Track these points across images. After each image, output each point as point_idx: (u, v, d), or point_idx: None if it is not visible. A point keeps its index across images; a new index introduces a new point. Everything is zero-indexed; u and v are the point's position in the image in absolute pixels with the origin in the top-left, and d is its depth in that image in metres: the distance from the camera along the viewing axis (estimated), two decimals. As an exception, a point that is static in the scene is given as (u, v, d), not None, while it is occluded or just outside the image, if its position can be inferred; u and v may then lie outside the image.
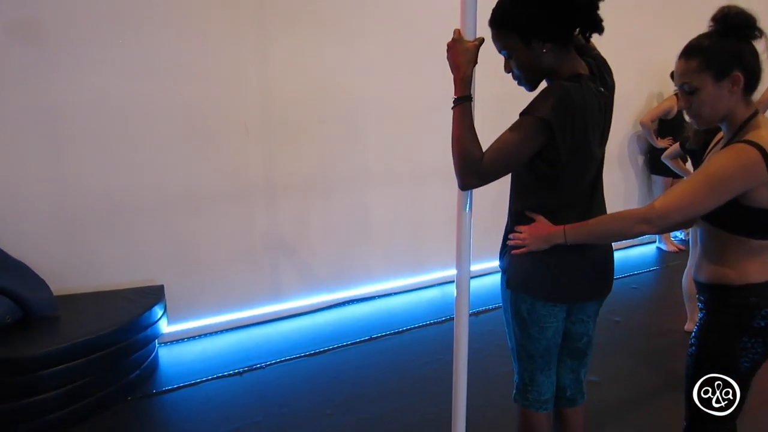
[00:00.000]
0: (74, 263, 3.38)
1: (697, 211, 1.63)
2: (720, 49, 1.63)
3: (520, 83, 1.81)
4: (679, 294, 3.85)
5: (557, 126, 1.60)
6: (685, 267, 3.77)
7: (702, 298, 1.83)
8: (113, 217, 3.44)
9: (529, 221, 1.82)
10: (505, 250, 1.92)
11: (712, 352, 1.75)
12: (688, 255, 3.77)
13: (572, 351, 1.99)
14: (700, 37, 1.67)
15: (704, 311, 1.80)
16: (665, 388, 3.17)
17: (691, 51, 1.67)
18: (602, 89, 1.74)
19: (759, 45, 1.65)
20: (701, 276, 1.81)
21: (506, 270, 1.90)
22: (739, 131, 1.67)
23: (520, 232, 1.82)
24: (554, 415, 2.05)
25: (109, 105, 3.32)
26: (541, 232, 1.77)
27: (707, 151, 1.93)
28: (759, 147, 1.57)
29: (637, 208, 1.68)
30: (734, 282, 1.71)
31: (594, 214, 1.81)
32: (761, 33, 1.63)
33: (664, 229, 1.72)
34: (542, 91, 1.66)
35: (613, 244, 1.94)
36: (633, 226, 1.66)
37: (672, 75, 5.52)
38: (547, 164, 1.71)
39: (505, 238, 1.92)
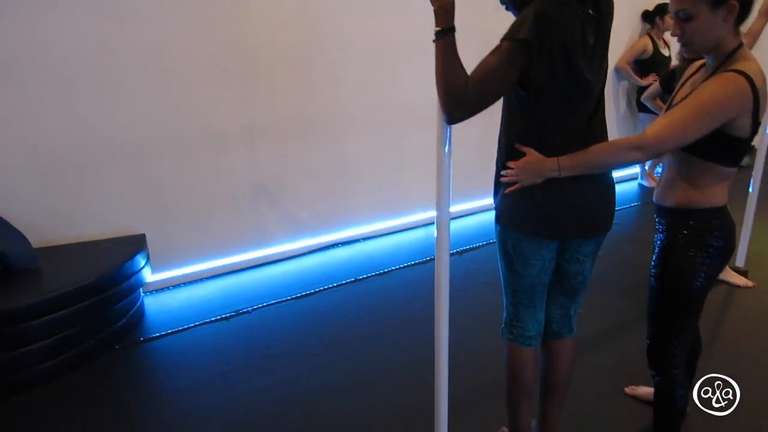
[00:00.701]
0: (52, 214, 3.33)
1: (689, 138, 1.66)
2: None
3: (507, 8, 1.77)
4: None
5: (534, 45, 1.55)
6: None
7: (664, 221, 1.92)
8: (89, 166, 3.37)
9: (520, 155, 1.75)
10: (498, 187, 1.88)
11: (673, 269, 1.86)
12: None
13: (565, 288, 1.97)
14: None
15: (665, 233, 1.90)
16: (643, 318, 3.23)
17: None
18: (591, 12, 1.66)
19: None
20: (668, 200, 1.89)
21: (497, 205, 1.89)
22: (725, 61, 1.70)
23: (512, 168, 1.76)
24: (542, 345, 2.08)
25: (80, 50, 3.20)
26: (533, 164, 1.72)
27: (684, 80, 1.93)
28: (747, 77, 1.62)
29: (631, 136, 1.70)
30: (700, 205, 1.81)
31: (590, 146, 1.75)
32: None
33: (655, 156, 1.75)
34: (522, 14, 1.61)
35: (614, 183, 1.90)
36: (627, 154, 1.68)
37: (644, 15, 5.62)
38: (531, 90, 1.65)
39: (497, 174, 1.88)
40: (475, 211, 5.07)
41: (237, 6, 3.63)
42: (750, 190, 3.63)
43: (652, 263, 1.95)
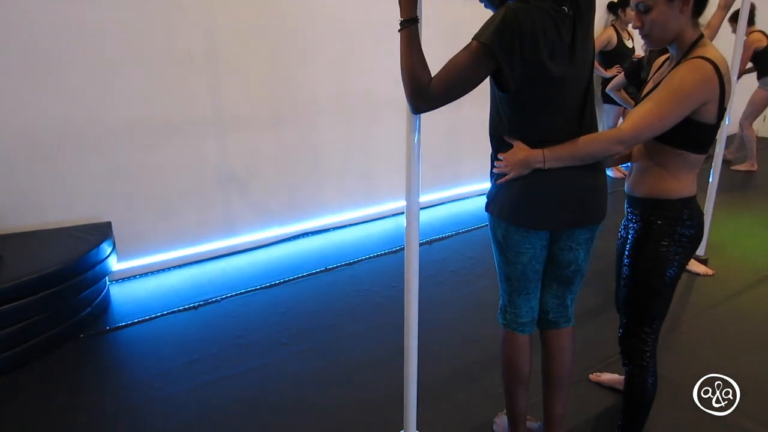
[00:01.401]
0: (15, 201, 3.25)
1: (664, 126, 1.72)
2: None
3: (486, 6, 1.79)
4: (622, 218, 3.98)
5: (501, 52, 1.58)
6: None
7: (637, 212, 1.97)
8: (54, 152, 3.30)
9: (509, 147, 1.79)
10: (491, 176, 1.91)
11: (648, 259, 1.92)
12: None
13: (559, 277, 1.98)
14: None
15: (639, 223, 1.95)
16: (605, 306, 3.32)
17: None
18: (564, 8, 1.67)
19: None
20: (639, 191, 1.94)
21: (487, 194, 1.92)
22: (688, 52, 1.76)
23: (501, 160, 1.79)
24: (540, 336, 2.10)
25: (44, 32, 3.12)
26: (519, 157, 1.76)
27: (652, 74, 1.98)
28: (713, 63, 1.70)
29: (611, 130, 1.75)
30: (671, 195, 1.87)
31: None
32: None
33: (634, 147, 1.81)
34: (493, 15, 1.62)
35: (605, 172, 1.92)
36: (611, 147, 1.73)
37: (609, 6, 5.71)
38: (504, 90, 1.68)
39: (491, 165, 1.90)
40: (444, 201, 5.11)
41: (205, -9, 3.59)
42: (710, 179, 3.74)
43: (626, 253, 2.00)
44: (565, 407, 2.13)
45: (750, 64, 5.81)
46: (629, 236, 2.00)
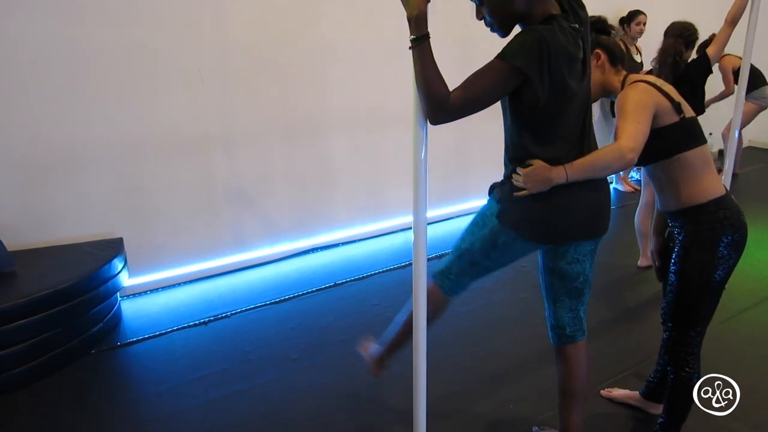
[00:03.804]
0: (28, 217, 3.29)
1: (646, 130, 1.89)
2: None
3: (492, 30, 1.80)
4: (634, 232, 3.98)
5: (532, 74, 1.60)
6: (638, 206, 3.89)
7: (678, 224, 2.06)
8: (66, 169, 3.34)
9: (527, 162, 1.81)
10: (503, 182, 1.91)
11: (694, 265, 2.00)
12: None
13: (570, 291, 2.01)
14: None
15: (682, 234, 2.04)
16: (617, 320, 3.31)
17: None
18: (576, 25, 1.71)
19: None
20: (671, 206, 2.05)
21: (499, 201, 1.91)
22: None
23: (519, 174, 1.80)
24: (556, 352, 2.11)
25: (58, 51, 3.18)
26: (540, 175, 1.78)
27: None
28: (641, 81, 1.99)
29: (616, 143, 1.84)
30: (700, 200, 1.98)
31: (585, 152, 1.83)
32: (612, 27, 2.08)
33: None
34: (516, 36, 1.64)
35: (604, 186, 1.95)
36: (626, 155, 1.81)
37: (621, 21, 5.71)
38: (527, 107, 1.71)
39: (505, 173, 1.91)
40: (452, 216, 5.11)
41: (217, 8, 3.64)
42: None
43: (672, 260, 2.07)
44: (582, 417, 2.13)
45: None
46: (675, 246, 2.08)
